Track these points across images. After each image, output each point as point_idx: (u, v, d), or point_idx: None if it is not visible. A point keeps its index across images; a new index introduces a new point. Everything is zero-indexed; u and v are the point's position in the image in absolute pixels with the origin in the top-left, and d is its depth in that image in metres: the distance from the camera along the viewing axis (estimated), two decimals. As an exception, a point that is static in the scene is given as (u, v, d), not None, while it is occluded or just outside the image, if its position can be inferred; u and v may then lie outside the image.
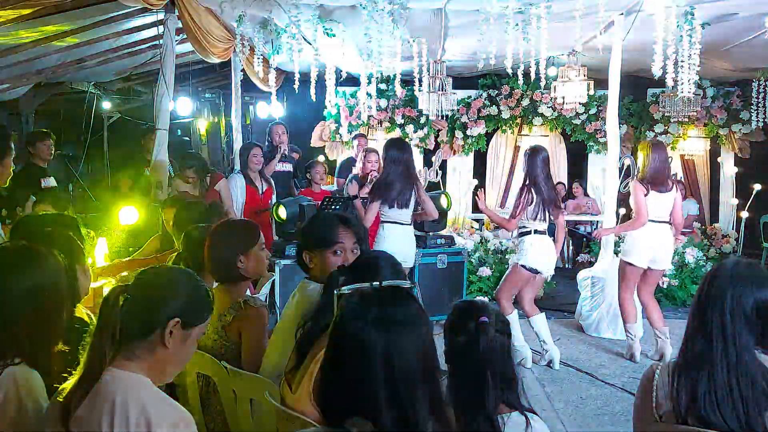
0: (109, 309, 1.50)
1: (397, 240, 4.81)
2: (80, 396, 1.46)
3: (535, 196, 4.73)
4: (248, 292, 2.73)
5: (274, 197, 5.79)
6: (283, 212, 4.98)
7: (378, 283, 1.36)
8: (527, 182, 4.80)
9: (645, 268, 4.92)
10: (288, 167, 6.65)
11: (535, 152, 4.83)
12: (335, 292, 1.36)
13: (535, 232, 4.75)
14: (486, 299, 5.73)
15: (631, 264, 4.92)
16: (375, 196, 4.81)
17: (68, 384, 1.51)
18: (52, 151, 5.49)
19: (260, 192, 5.67)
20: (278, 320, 2.55)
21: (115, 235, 5.23)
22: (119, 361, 1.50)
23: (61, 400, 1.48)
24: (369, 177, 5.63)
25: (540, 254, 4.76)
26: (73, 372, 1.52)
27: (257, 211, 5.51)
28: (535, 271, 4.78)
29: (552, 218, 4.83)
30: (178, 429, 1.45)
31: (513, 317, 4.75)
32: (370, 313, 1.25)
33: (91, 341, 1.52)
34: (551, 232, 5.00)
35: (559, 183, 9.16)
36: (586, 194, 8.86)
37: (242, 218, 2.73)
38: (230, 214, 4.71)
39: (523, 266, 4.77)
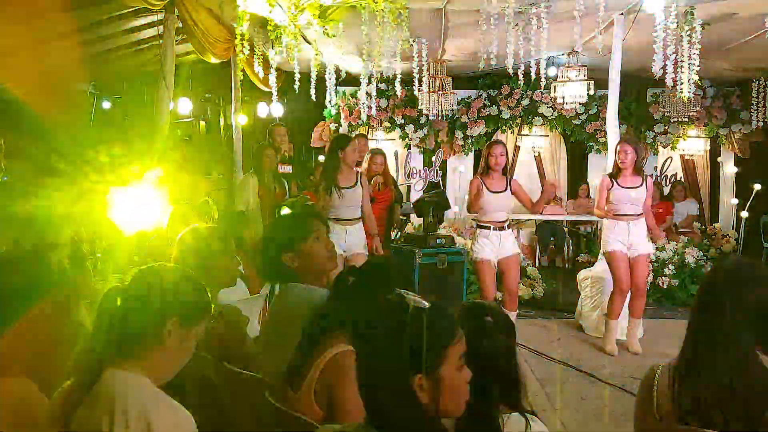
0: (107, 309, 1.49)
1: None
2: (79, 396, 1.45)
3: None
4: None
5: (285, 198, 5.73)
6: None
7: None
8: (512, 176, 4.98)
9: None
10: (288, 169, 6.61)
11: None
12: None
13: None
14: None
15: None
16: None
17: (67, 385, 1.50)
18: None
19: (272, 193, 5.61)
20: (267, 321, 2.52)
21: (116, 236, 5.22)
22: (118, 362, 1.49)
23: (60, 400, 1.48)
24: (374, 180, 5.60)
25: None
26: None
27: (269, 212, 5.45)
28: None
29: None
30: (178, 429, 1.44)
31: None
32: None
33: (89, 342, 1.51)
34: None
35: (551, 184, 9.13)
36: (587, 196, 8.83)
37: (215, 225, 2.70)
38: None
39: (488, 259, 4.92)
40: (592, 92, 6.91)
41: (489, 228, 4.91)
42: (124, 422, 1.40)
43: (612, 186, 4.94)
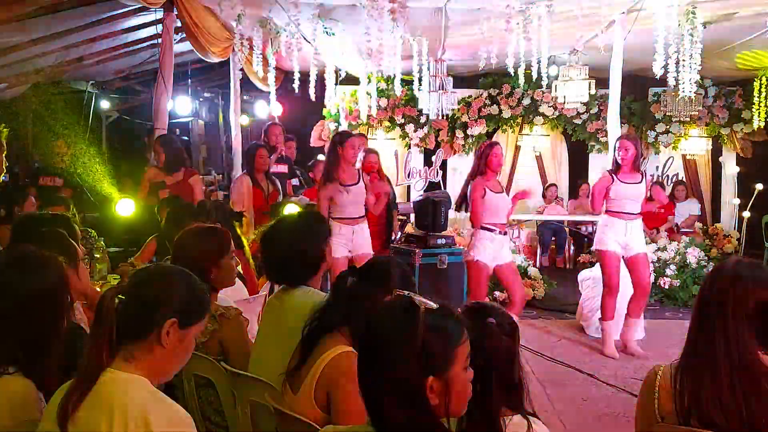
0: (105, 310, 1.48)
1: None
2: (78, 398, 1.44)
3: None
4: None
5: (279, 198, 5.70)
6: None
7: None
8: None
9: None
10: (283, 168, 6.58)
11: None
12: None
13: None
14: (486, 299, 5.71)
15: None
16: None
17: (66, 386, 1.49)
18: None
19: (266, 193, 5.57)
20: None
21: (115, 235, 5.22)
22: (117, 362, 1.48)
23: (58, 402, 1.47)
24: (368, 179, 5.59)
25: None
26: (71, 378, 1.50)
27: (263, 212, 5.42)
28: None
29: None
30: (177, 429, 1.44)
31: None
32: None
33: (88, 343, 1.50)
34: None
35: (552, 185, 9.12)
36: (588, 196, 8.81)
37: (212, 225, 2.71)
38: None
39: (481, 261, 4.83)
40: (593, 91, 6.90)
41: (494, 231, 4.82)
42: (124, 423, 1.39)
43: (612, 182, 4.92)
